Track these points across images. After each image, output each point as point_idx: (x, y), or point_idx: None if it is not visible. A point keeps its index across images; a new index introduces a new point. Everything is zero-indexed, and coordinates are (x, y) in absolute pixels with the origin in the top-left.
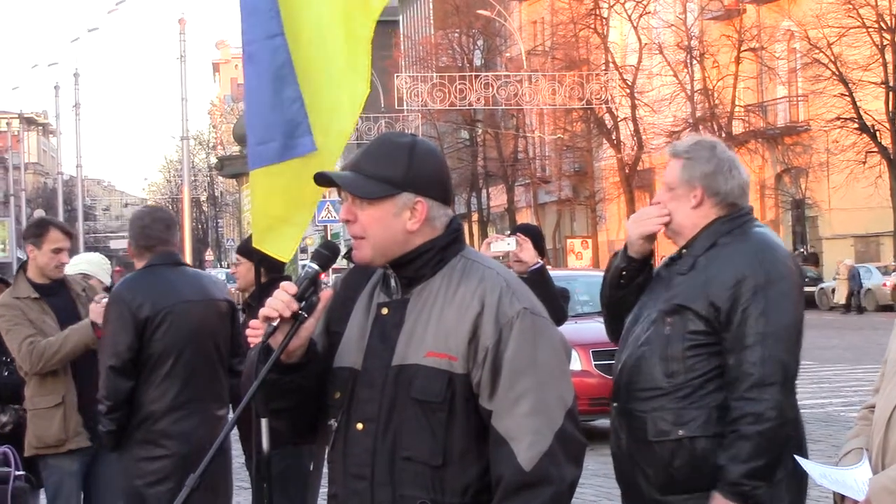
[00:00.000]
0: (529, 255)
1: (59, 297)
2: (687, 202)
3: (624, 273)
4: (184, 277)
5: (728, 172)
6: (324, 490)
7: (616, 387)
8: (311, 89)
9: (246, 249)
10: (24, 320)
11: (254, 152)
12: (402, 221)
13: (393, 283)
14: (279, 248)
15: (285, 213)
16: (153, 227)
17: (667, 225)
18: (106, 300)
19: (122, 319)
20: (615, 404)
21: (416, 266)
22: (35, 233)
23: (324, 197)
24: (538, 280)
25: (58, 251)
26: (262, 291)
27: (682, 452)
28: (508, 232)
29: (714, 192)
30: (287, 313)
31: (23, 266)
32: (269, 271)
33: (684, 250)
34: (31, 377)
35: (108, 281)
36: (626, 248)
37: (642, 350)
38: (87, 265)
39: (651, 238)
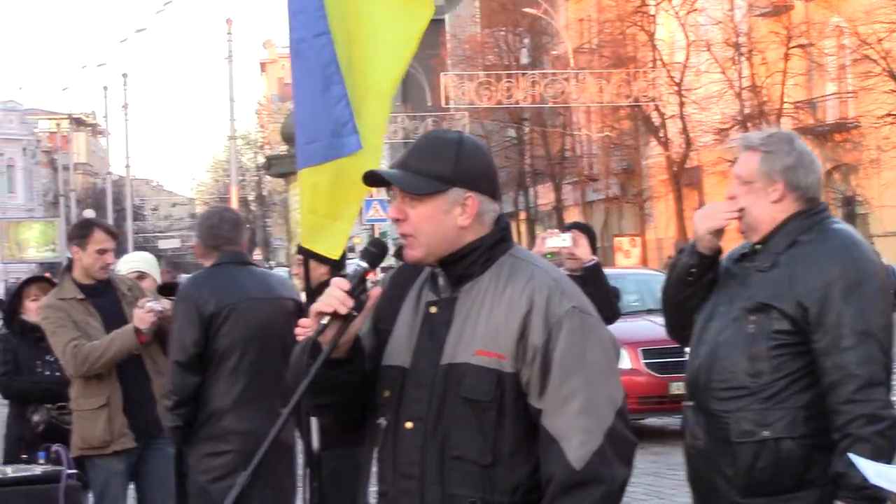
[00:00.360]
0: (584, 251)
1: (105, 297)
2: (766, 196)
3: (693, 270)
4: (251, 276)
5: (809, 166)
6: (373, 489)
7: (692, 385)
8: (356, 88)
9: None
10: (69, 322)
11: (302, 151)
12: (453, 217)
13: (441, 281)
14: (327, 247)
15: (333, 212)
16: (221, 227)
17: (740, 219)
18: (150, 305)
19: (189, 315)
20: (691, 403)
21: (465, 264)
22: (80, 234)
23: (370, 196)
24: (593, 277)
25: (102, 252)
26: (318, 291)
27: (766, 454)
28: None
29: (795, 187)
30: (343, 310)
31: (68, 267)
32: (333, 270)
33: (758, 246)
34: (75, 378)
35: (159, 280)
36: (693, 244)
37: (723, 349)
38: (142, 263)
39: (720, 233)
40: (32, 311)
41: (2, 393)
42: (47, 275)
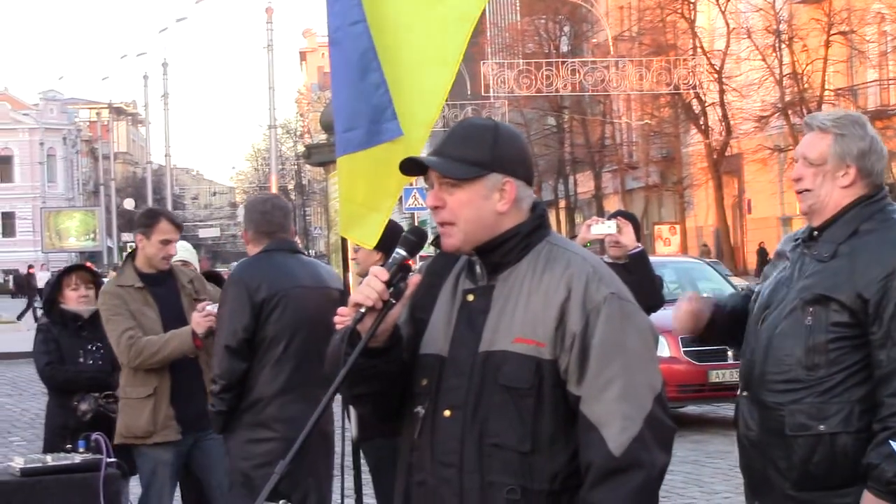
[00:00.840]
0: (629, 238)
1: (164, 287)
2: (834, 180)
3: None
4: (300, 264)
5: (880, 152)
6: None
7: (747, 376)
8: (394, 75)
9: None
10: (125, 311)
11: (341, 139)
12: (492, 203)
13: (478, 269)
14: (364, 235)
15: (371, 200)
16: (274, 214)
17: (804, 200)
18: (209, 309)
19: (240, 300)
20: (745, 393)
21: (503, 252)
22: (145, 223)
23: (410, 184)
24: (638, 264)
25: (166, 242)
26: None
27: (821, 448)
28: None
29: (868, 173)
30: (379, 304)
31: (131, 254)
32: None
33: (815, 232)
34: (125, 367)
35: (198, 269)
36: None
37: (779, 340)
38: (185, 252)
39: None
40: (73, 300)
41: (48, 383)
42: (88, 264)
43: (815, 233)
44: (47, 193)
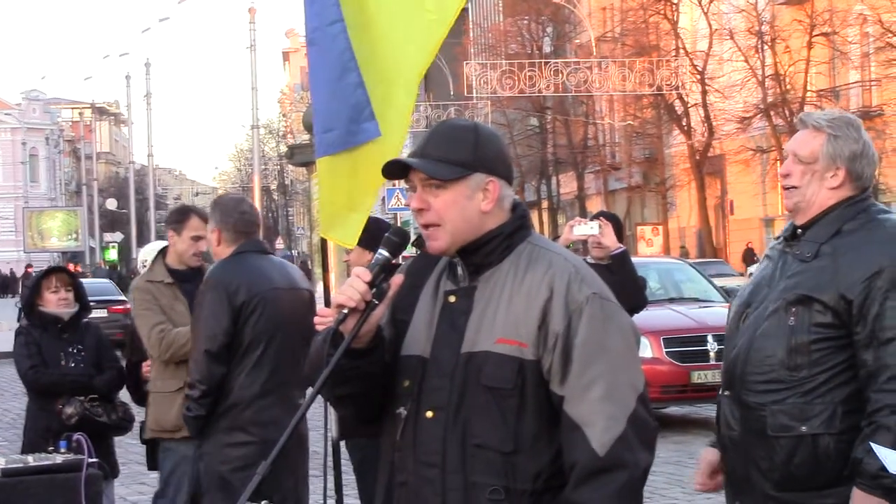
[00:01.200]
0: (611, 239)
1: (194, 283)
2: (823, 180)
3: None
4: (272, 265)
5: (871, 157)
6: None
7: (729, 375)
8: (371, 75)
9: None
10: (155, 305)
11: (320, 140)
12: (476, 203)
13: (459, 270)
14: (344, 236)
15: (350, 201)
16: (252, 214)
17: (790, 197)
18: None
19: (220, 303)
20: (726, 393)
21: (484, 252)
22: (177, 219)
23: (393, 185)
24: (620, 265)
25: (197, 239)
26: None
27: (803, 449)
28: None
29: (857, 176)
30: (362, 304)
31: (163, 251)
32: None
33: (799, 231)
34: (155, 361)
35: None
36: None
37: (761, 340)
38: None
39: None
40: (52, 302)
41: (31, 386)
42: (69, 265)
43: (799, 231)
44: (29, 193)
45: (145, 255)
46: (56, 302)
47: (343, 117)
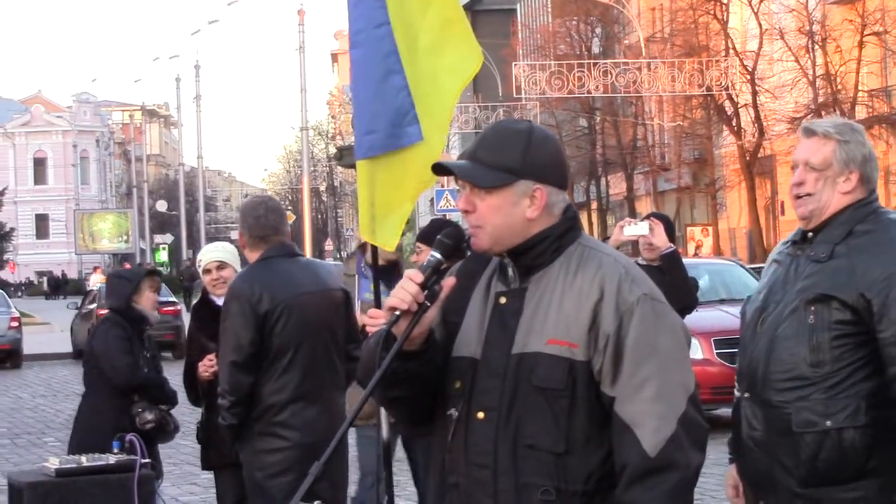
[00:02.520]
0: (661, 239)
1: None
2: (836, 185)
3: None
4: (300, 268)
5: (875, 160)
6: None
7: (748, 376)
8: (416, 78)
9: (425, 236)
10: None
11: (360, 142)
12: (521, 210)
13: (510, 272)
14: (385, 239)
15: (390, 203)
16: (268, 217)
17: (805, 205)
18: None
19: (244, 315)
20: (746, 394)
21: (534, 254)
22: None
23: (442, 186)
24: (671, 264)
25: None
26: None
27: (828, 444)
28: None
29: (867, 179)
30: (414, 306)
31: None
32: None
33: (810, 234)
34: None
35: (239, 269)
36: None
37: (782, 340)
38: (224, 253)
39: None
40: (150, 302)
41: (123, 384)
42: (126, 266)
43: (809, 234)
44: (80, 195)
45: (202, 255)
46: (153, 302)
47: (385, 120)
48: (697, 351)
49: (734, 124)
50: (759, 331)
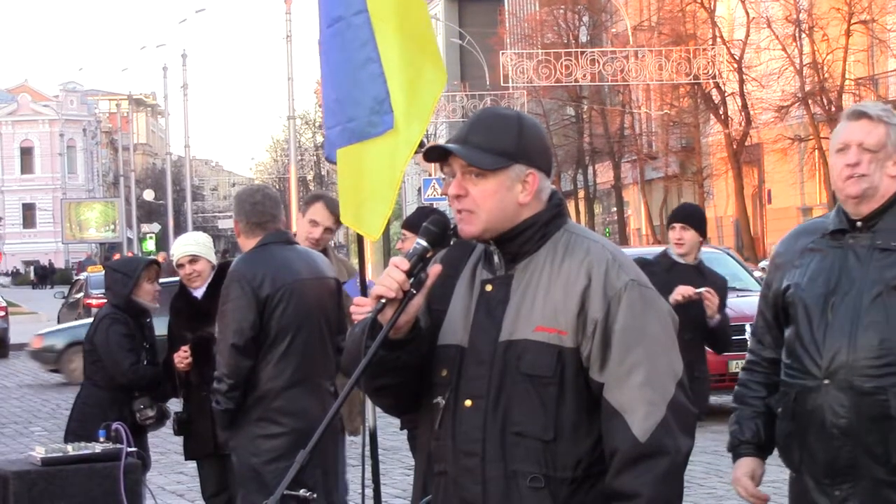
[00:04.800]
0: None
1: None
2: (884, 168)
3: None
4: (297, 255)
5: None
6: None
7: (828, 363)
8: (391, 68)
9: (412, 223)
10: None
11: (343, 129)
12: (514, 194)
13: (496, 259)
14: (369, 228)
15: (373, 191)
16: (265, 204)
17: (858, 184)
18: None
19: (245, 297)
20: (826, 382)
21: (521, 241)
22: (305, 200)
23: (429, 175)
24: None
25: (314, 224)
26: None
27: None
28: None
29: None
30: (400, 294)
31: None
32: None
33: (860, 223)
34: None
35: (214, 261)
36: None
37: (871, 327)
38: (195, 246)
39: None
40: (149, 294)
41: (128, 383)
42: (115, 256)
43: (859, 223)
44: (67, 185)
45: (173, 250)
46: (152, 294)
47: (364, 107)
48: None
49: (721, 113)
50: (830, 318)
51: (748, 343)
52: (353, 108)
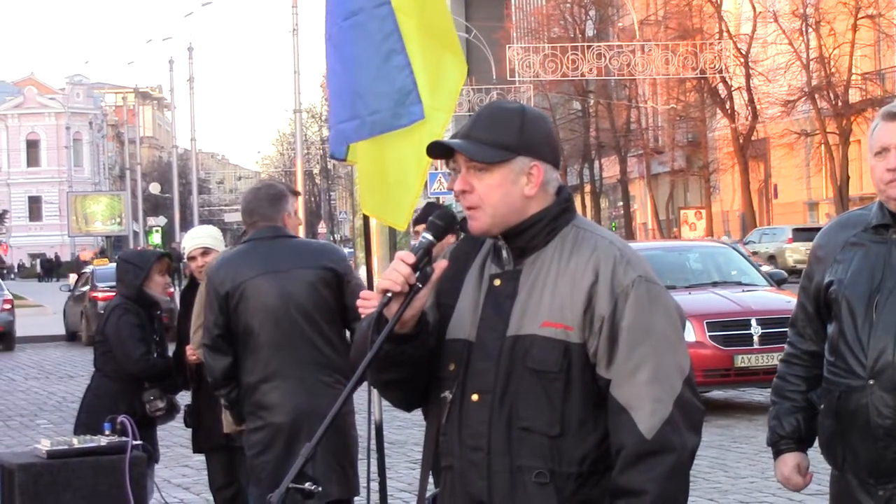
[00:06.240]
0: None
1: None
2: None
3: None
4: (276, 249)
5: None
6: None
7: (873, 362)
8: (417, 59)
9: (424, 220)
10: None
11: (363, 122)
12: (519, 187)
13: (504, 254)
14: (395, 217)
15: (399, 181)
16: (257, 204)
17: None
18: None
19: (209, 297)
20: (871, 382)
21: (529, 236)
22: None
23: (435, 168)
24: None
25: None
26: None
27: None
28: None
29: None
30: (406, 288)
31: None
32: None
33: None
34: None
35: None
36: None
37: None
38: (207, 239)
39: None
40: (160, 286)
41: (139, 373)
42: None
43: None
44: (73, 178)
45: (185, 243)
46: (164, 286)
47: (389, 99)
48: (690, 333)
49: (728, 107)
50: (874, 316)
51: (787, 335)
52: (376, 100)
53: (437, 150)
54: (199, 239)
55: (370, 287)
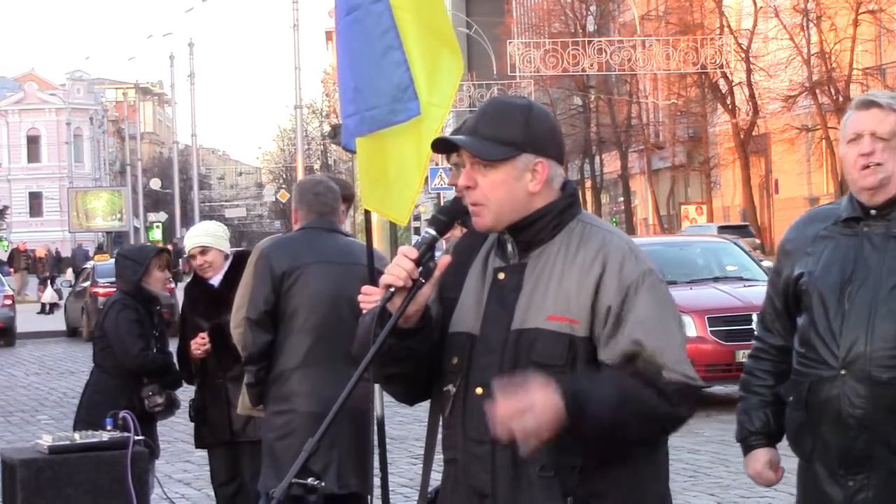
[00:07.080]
0: None
1: None
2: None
3: None
4: (332, 241)
5: None
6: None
7: (844, 353)
8: (415, 55)
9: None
10: None
11: (362, 118)
12: (523, 183)
13: (509, 247)
14: (397, 212)
15: (399, 177)
16: (327, 196)
17: (875, 174)
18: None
19: (262, 273)
20: (843, 372)
21: (535, 230)
22: None
23: (436, 164)
24: None
25: None
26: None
27: None
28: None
29: None
30: (409, 282)
31: None
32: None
33: (874, 211)
34: None
35: (227, 250)
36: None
37: (887, 316)
38: (204, 237)
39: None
40: (160, 281)
41: (136, 369)
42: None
43: (873, 211)
44: (74, 173)
45: (185, 242)
46: (163, 281)
47: (387, 95)
48: (692, 328)
49: (728, 102)
50: (846, 307)
51: (755, 331)
52: (374, 96)
53: (440, 146)
54: (198, 238)
55: (371, 282)
